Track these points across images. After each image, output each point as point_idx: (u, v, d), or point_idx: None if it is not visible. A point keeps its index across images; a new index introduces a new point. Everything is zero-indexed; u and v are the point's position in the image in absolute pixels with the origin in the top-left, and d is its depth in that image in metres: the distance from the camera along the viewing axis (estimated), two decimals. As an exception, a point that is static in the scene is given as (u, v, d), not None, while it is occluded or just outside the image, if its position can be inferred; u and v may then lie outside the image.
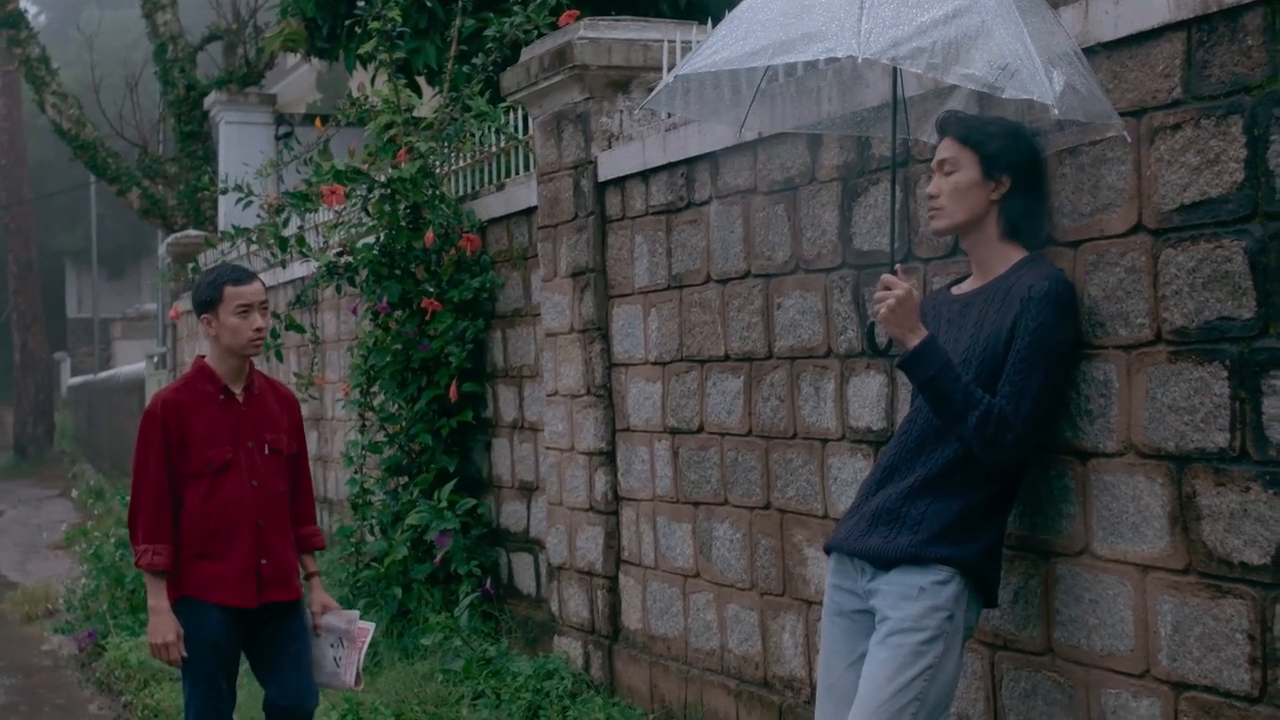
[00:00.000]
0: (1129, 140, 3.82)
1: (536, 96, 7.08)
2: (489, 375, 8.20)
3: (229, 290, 5.20)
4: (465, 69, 8.21)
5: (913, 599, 3.90)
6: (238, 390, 5.30)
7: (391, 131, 8.09)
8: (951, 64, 3.51)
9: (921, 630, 3.87)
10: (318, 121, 8.68)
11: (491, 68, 8.18)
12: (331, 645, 5.45)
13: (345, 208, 8.36)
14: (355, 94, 8.42)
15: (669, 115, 6.47)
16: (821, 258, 5.18)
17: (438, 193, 8.14)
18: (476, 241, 7.99)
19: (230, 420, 5.27)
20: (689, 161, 6.00)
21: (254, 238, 8.20)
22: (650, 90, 6.65)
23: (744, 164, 5.61)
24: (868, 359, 4.96)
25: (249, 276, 5.28)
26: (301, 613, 5.42)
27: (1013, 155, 4.00)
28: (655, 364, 6.33)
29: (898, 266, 3.96)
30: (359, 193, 8.08)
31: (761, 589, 5.61)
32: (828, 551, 4.23)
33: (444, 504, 7.86)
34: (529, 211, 7.62)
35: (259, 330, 5.22)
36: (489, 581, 7.92)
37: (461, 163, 8.58)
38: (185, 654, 5.11)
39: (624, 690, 6.58)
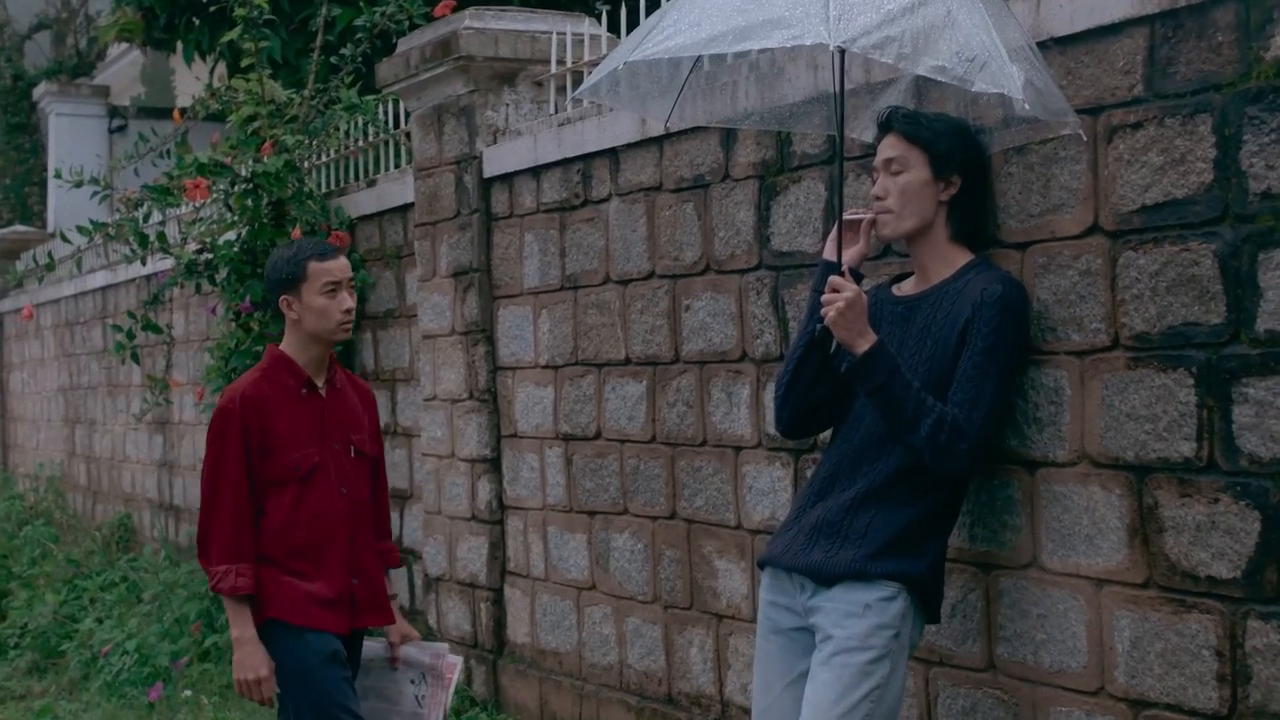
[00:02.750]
0: (1085, 139, 3.67)
1: (416, 89, 6.79)
2: (358, 379, 7.87)
3: (314, 266, 4.51)
4: (333, 60, 7.86)
5: (858, 616, 3.71)
6: (320, 383, 4.63)
7: (255, 124, 7.71)
8: (921, 54, 3.33)
9: (868, 649, 3.68)
10: (176, 114, 8.26)
11: (360, 58, 7.85)
12: (412, 681, 4.80)
13: (204, 203, 7.96)
14: (216, 85, 8.02)
15: (556, 110, 6.24)
16: (736, 258, 4.99)
17: (304, 188, 7.79)
18: (346, 239, 7.66)
19: (314, 418, 4.59)
20: (586, 157, 5.76)
21: (112, 233, 7.77)
22: (538, 84, 6.43)
23: (648, 160, 5.40)
24: (787, 364, 4.77)
25: (334, 251, 4.62)
26: (361, 642, 4.78)
27: (963, 154, 3.84)
28: (546, 368, 6.08)
29: (844, 267, 3.77)
30: (220, 187, 7.69)
31: (666, 602, 5.40)
32: (761, 566, 4.03)
33: (312, 513, 7.50)
34: (404, 209, 7.32)
35: (348, 312, 4.55)
36: (358, 593, 7.59)
37: (327, 157, 8.24)
38: (279, 690, 4.46)
39: (511, 706, 6.32)
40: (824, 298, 3.68)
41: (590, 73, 4.59)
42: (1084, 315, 3.72)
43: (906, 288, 3.99)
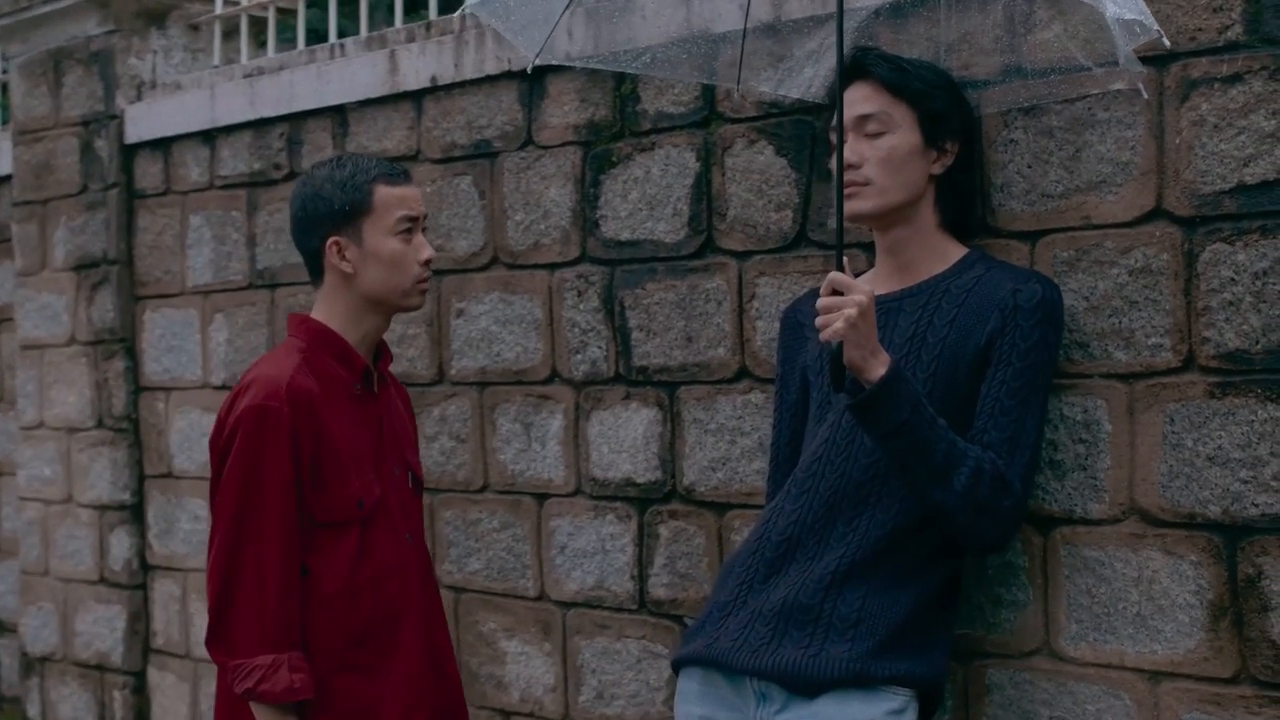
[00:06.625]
0: (1145, 95, 2.79)
1: (22, 28, 5.27)
2: (-88, 400, 6.19)
3: (383, 193, 2.94)
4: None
5: (861, 739, 2.70)
6: (373, 375, 3.05)
7: None
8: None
9: (876, 785, 2.68)
10: None
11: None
12: None
13: None
14: None
15: (222, 61, 4.92)
16: (542, 249, 3.85)
17: None
18: (-100, 221, 5.98)
19: (370, 428, 2.99)
20: (295, 118, 4.47)
21: None
22: (195, 27, 5.08)
23: (399, 121, 4.18)
24: (627, 386, 3.68)
25: (405, 173, 3.02)
26: None
27: (960, 116, 2.91)
28: (222, 389, 4.72)
29: (845, 258, 2.73)
30: None
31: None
32: (676, 668, 2.95)
33: None
34: (-6, 182, 5.76)
35: (428, 264, 3.00)
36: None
37: None
38: None
39: (162, 826, 4.91)
40: (823, 302, 2.63)
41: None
42: (1135, 326, 2.84)
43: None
